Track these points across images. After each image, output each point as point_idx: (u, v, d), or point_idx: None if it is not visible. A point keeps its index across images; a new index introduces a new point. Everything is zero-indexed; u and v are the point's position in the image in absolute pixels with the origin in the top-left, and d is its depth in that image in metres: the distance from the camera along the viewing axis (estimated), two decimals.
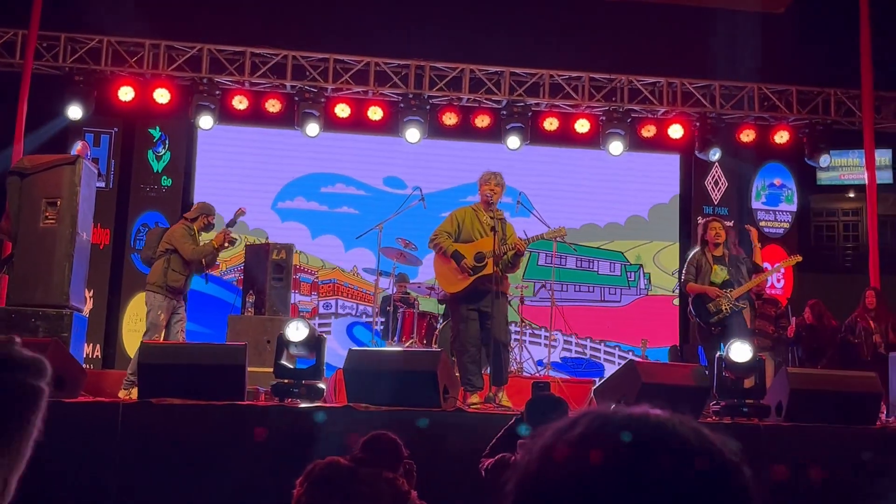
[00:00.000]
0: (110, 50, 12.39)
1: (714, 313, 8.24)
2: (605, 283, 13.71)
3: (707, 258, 8.43)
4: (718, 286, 8.31)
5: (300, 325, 6.63)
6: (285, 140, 13.24)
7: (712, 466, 1.06)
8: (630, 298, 13.82)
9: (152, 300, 8.99)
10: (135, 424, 5.94)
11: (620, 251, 13.78)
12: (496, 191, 7.91)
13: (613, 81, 13.07)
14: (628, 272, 13.84)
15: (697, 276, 8.43)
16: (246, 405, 6.28)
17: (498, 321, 7.64)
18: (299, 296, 13.01)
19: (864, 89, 12.46)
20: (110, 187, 12.82)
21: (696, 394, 6.73)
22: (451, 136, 13.25)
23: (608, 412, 1.11)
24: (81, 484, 5.77)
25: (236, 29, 12.77)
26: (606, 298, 13.67)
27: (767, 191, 13.96)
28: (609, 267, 13.77)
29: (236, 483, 5.68)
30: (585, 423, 1.10)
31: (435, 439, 5.81)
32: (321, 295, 13.33)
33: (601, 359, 13.40)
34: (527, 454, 1.11)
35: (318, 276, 13.33)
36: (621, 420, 1.09)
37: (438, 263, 7.94)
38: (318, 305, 13.25)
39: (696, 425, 1.10)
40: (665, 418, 1.10)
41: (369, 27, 13.18)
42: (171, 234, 9.15)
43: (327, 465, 3.82)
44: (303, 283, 13.20)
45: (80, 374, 6.73)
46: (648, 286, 13.84)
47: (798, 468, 6.23)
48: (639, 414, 1.10)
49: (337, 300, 13.38)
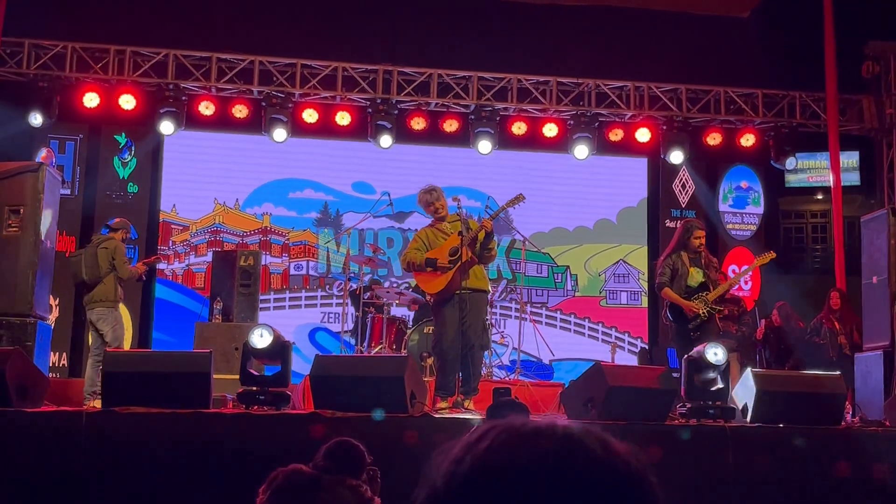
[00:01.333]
0: (75, 56, 12.27)
1: (692, 318, 8.23)
2: (531, 285, 13.70)
3: (683, 261, 8.39)
4: (695, 289, 8.29)
5: (264, 331, 6.59)
6: (253, 146, 13.18)
7: (619, 477, 1.06)
8: (557, 300, 13.85)
9: (111, 315, 9.07)
10: (99, 433, 5.88)
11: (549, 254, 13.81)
12: (439, 205, 7.91)
13: (581, 86, 13.11)
14: (555, 274, 13.87)
15: (673, 279, 8.38)
16: (212, 413, 6.24)
17: (473, 324, 7.63)
18: (270, 258, 13.02)
19: (829, 92, 12.58)
20: (76, 194, 12.70)
21: (662, 396, 6.76)
22: (420, 140, 13.24)
23: (516, 425, 1.11)
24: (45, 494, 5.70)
25: (202, 34, 12.70)
26: (534, 300, 13.67)
27: (734, 193, 14.05)
28: (536, 269, 13.78)
29: (201, 492, 5.63)
30: (492, 436, 1.09)
31: (401, 445, 5.79)
32: (292, 257, 13.31)
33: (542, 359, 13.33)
34: (435, 469, 1.11)
35: (289, 237, 13.32)
36: (528, 433, 1.09)
37: (417, 276, 7.96)
38: (289, 267, 13.24)
39: (603, 436, 1.09)
40: (571, 430, 1.09)
41: (337, 32, 13.16)
42: (114, 251, 9.15)
43: (290, 473, 3.79)
44: (273, 245, 13.21)
45: (44, 383, 6.67)
46: (575, 288, 13.87)
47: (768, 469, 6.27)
48: (545, 426, 1.10)
49: (308, 262, 13.35)
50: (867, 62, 13.27)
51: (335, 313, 12.89)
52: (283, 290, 13.27)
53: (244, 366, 6.64)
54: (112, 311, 9.07)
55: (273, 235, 13.22)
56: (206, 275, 12.41)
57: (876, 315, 9.06)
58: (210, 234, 13.19)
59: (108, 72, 12.33)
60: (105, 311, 9.06)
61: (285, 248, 13.33)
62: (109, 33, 12.36)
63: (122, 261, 9.13)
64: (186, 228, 13.14)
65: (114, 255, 9.09)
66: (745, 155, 13.67)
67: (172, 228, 13.16)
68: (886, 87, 13.22)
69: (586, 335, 13.73)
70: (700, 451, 6.30)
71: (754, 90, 13.31)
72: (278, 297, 13.19)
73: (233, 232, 13.25)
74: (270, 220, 13.27)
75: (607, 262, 13.95)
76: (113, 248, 9.13)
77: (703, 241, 8.48)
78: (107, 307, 9.06)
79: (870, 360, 8.93)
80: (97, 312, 9.08)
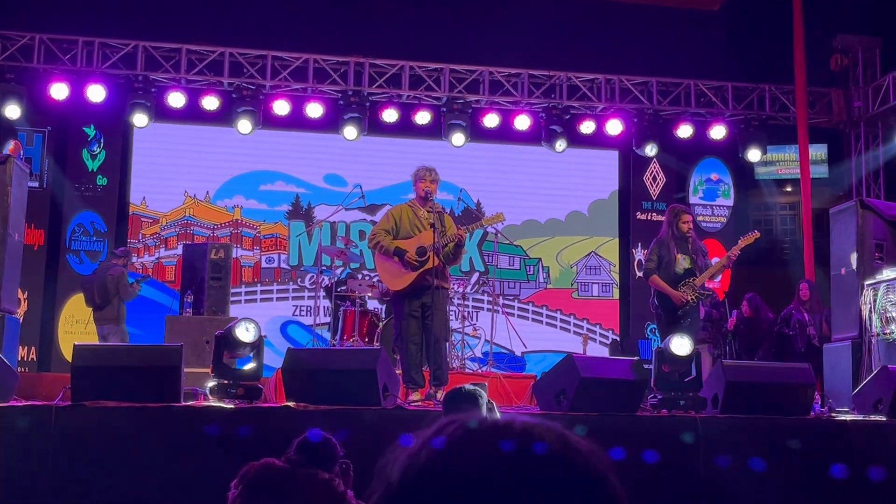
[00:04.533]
0: (42, 47, 12.14)
1: (681, 306, 8.27)
2: (504, 277, 13.74)
3: (671, 248, 8.42)
4: (681, 276, 8.32)
5: (250, 325, 6.56)
6: (223, 137, 13.10)
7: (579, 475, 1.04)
8: (530, 292, 13.89)
9: (118, 330, 10.64)
10: (69, 428, 5.82)
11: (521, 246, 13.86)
12: (433, 187, 7.91)
13: (552, 78, 13.14)
14: (527, 266, 13.92)
15: (660, 266, 8.41)
16: (183, 407, 6.20)
17: (437, 317, 7.64)
18: (241, 250, 12.99)
19: (798, 85, 12.68)
20: (44, 187, 12.58)
21: (633, 387, 6.79)
22: (392, 132, 13.22)
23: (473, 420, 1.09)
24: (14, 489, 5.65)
25: (172, 25, 12.60)
26: (506, 292, 13.71)
27: (704, 186, 14.14)
28: (508, 261, 13.83)
29: (172, 486, 5.60)
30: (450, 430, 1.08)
31: (374, 438, 5.78)
32: (263, 250, 13.26)
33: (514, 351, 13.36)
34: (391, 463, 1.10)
35: (260, 230, 13.26)
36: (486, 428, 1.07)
37: (380, 262, 7.91)
38: (260, 260, 13.19)
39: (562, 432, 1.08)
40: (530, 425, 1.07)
41: (308, 24, 13.10)
42: (118, 279, 10.72)
43: (262, 467, 3.78)
44: (244, 238, 13.17)
45: (12, 378, 6.60)
46: (547, 280, 13.92)
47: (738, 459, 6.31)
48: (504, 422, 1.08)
49: (279, 254, 13.30)
50: (836, 55, 13.39)
51: (307, 306, 12.86)
52: (255, 283, 13.22)
53: (218, 358, 6.60)
54: (118, 327, 10.62)
55: (244, 228, 13.17)
56: (177, 268, 12.34)
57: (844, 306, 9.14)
58: (180, 226, 13.11)
59: (76, 63, 12.22)
60: (113, 328, 10.60)
61: (256, 240, 13.28)
62: (77, 24, 12.23)
63: (124, 287, 10.74)
64: (156, 221, 13.05)
65: (118, 282, 10.68)
66: (716, 147, 13.75)
67: (142, 221, 13.06)
68: (854, 80, 13.35)
69: (558, 327, 13.78)
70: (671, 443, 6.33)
71: (724, 83, 13.39)
72: (249, 291, 13.13)
73: (203, 225, 13.18)
74: (241, 212, 13.21)
75: (579, 254, 14.00)
76: (117, 277, 10.71)
77: (692, 225, 8.53)
78: (115, 324, 10.62)
79: (838, 351, 9.00)
80: (107, 329, 10.63)
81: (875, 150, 13.26)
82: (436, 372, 7.60)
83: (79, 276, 12.57)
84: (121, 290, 10.68)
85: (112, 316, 10.65)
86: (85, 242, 12.70)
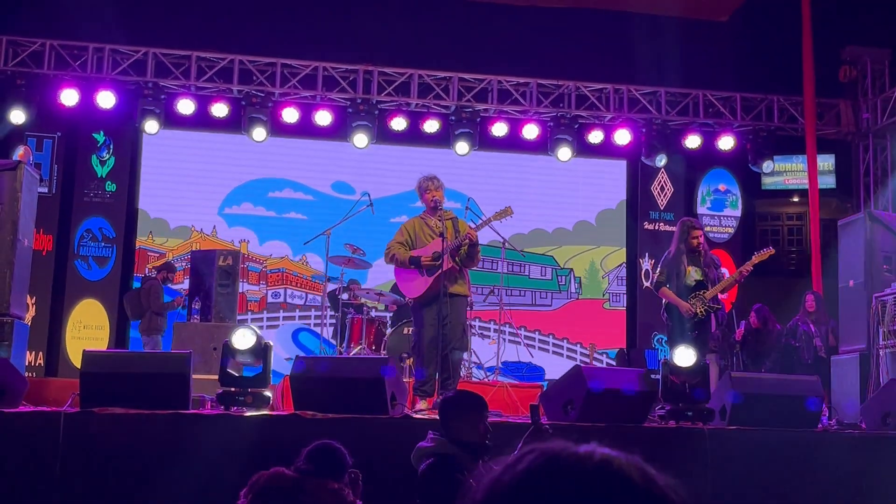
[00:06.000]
0: (53, 53, 12.18)
1: (690, 318, 8.28)
2: (536, 287, 13.74)
3: (682, 260, 8.43)
4: (692, 288, 8.34)
5: (247, 332, 6.56)
6: (232, 145, 13.13)
7: None
8: (561, 302, 13.89)
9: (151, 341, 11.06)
10: (77, 434, 5.84)
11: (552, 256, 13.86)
12: (439, 194, 7.94)
13: (561, 87, 13.15)
14: (559, 276, 13.91)
15: (669, 278, 8.42)
16: (190, 414, 6.21)
17: (453, 326, 7.66)
18: (247, 285, 12.93)
19: (807, 96, 12.67)
20: (53, 193, 12.60)
21: (641, 398, 6.79)
22: (400, 141, 13.23)
23: (555, 448, 1.11)
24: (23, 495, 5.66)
25: (182, 32, 12.63)
26: (538, 302, 13.71)
27: (712, 196, 14.13)
28: (540, 271, 13.83)
29: (181, 494, 5.61)
30: (531, 459, 1.10)
31: (382, 447, 5.78)
32: (270, 285, 13.24)
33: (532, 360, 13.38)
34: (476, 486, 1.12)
35: (266, 265, 13.25)
36: (567, 458, 1.09)
37: (398, 273, 7.98)
38: (266, 295, 13.17)
39: (641, 465, 1.09)
40: (610, 458, 1.09)
41: (317, 31, 13.13)
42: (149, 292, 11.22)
43: (271, 477, 3.79)
44: (251, 273, 13.12)
45: (21, 384, 6.62)
46: (579, 290, 13.91)
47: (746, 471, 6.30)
48: (585, 452, 1.10)
49: (286, 289, 13.29)
50: (844, 66, 13.37)
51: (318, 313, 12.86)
52: (262, 311, 13.22)
53: (224, 366, 6.61)
54: (150, 338, 11.04)
55: (250, 263, 13.04)
56: (185, 275, 12.35)
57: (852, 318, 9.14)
58: (186, 261, 13.06)
59: (86, 69, 12.25)
60: (146, 339, 11.08)
61: (263, 275, 13.24)
62: (88, 31, 12.27)
63: (155, 300, 11.17)
64: (163, 256, 12.99)
65: (148, 294, 11.19)
66: (724, 158, 13.73)
67: (149, 256, 13.02)
68: (863, 92, 13.33)
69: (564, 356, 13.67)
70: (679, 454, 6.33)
71: (733, 94, 13.38)
72: (255, 318, 13.06)
73: None
74: (248, 247, 13.14)
75: (612, 263, 14.00)
76: (147, 290, 11.24)
77: (702, 239, 8.55)
78: (148, 335, 11.08)
79: (846, 364, 9.00)
80: (143, 339, 11.16)
81: (883, 161, 13.24)
82: (445, 381, 7.61)
83: (87, 281, 12.61)
84: (151, 303, 11.12)
85: (143, 327, 11.13)
86: (93, 248, 12.73)
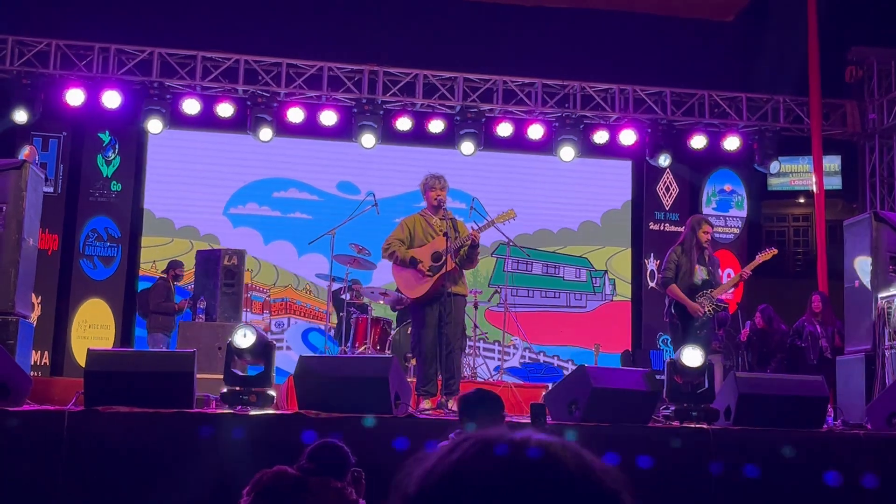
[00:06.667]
0: (59, 53, 12.20)
1: (698, 316, 8.25)
2: (570, 289, 13.76)
3: (691, 258, 8.40)
4: (699, 287, 8.31)
5: (248, 331, 6.56)
6: (237, 145, 13.13)
7: (591, 493, 1.04)
8: (596, 304, 13.90)
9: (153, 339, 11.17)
10: (81, 433, 5.85)
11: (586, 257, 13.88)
12: (443, 194, 7.92)
13: (566, 88, 13.13)
14: (593, 278, 13.93)
15: (677, 276, 8.39)
16: (195, 413, 6.21)
17: (453, 326, 7.65)
18: (251, 314, 12.81)
19: (813, 96, 12.64)
20: (59, 192, 12.63)
21: (646, 398, 6.77)
22: (405, 141, 13.23)
23: (491, 436, 1.09)
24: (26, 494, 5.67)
25: (187, 32, 12.65)
26: (572, 304, 13.73)
27: (718, 196, 14.10)
28: (575, 273, 13.84)
29: (184, 492, 5.61)
30: (464, 447, 1.08)
31: (385, 446, 5.78)
32: (273, 313, 13.22)
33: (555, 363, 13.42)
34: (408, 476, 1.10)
35: (269, 294, 13.22)
36: (501, 445, 1.07)
37: (397, 271, 7.93)
38: (270, 324, 13.12)
39: (579, 452, 1.07)
40: (546, 443, 1.07)
41: (322, 31, 13.14)
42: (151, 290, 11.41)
43: (274, 475, 3.78)
44: (254, 302, 13.06)
45: (26, 382, 6.62)
46: (614, 292, 13.93)
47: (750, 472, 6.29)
48: (520, 438, 1.08)
49: (289, 318, 13.28)
50: (850, 67, 13.35)
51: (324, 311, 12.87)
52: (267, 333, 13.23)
53: (228, 366, 6.61)
54: (153, 336, 11.15)
55: (253, 292, 12.95)
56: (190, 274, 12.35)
57: (858, 319, 9.11)
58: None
59: (92, 69, 12.27)
60: (150, 337, 11.25)
61: (266, 304, 13.22)
62: (94, 31, 12.29)
63: (154, 300, 11.30)
64: None
65: (150, 293, 11.40)
66: (729, 158, 13.71)
67: None
68: (869, 92, 13.30)
69: None
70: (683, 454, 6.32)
71: (738, 94, 13.36)
72: None
73: None
74: (251, 276, 13.07)
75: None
76: (150, 289, 11.49)
77: (710, 237, 8.51)
78: (152, 333, 11.22)
79: (851, 364, 8.97)
80: (147, 338, 11.39)
81: (889, 162, 13.21)
82: (448, 381, 7.60)
83: (92, 281, 12.63)
84: (150, 301, 11.30)
85: (149, 326, 11.39)
86: (99, 248, 12.75)
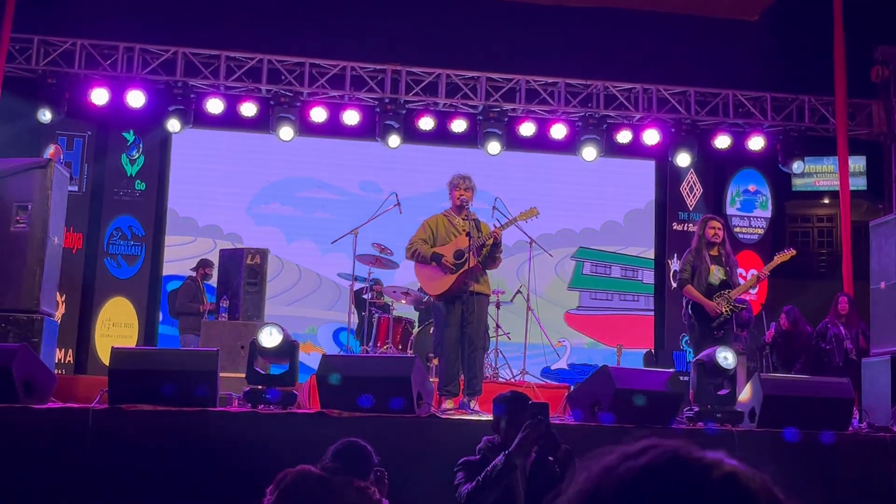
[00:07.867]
0: (84, 52, 12.28)
1: (715, 317, 8.19)
2: (649, 293, 13.90)
3: (704, 258, 8.33)
4: (716, 287, 8.24)
5: (273, 330, 6.56)
6: (260, 144, 13.19)
7: None
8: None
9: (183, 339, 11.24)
10: (105, 431, 5.86)
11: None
12: (468, 194, 7.90)
13: (589, 87, 13.10)
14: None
15: (693, 276, 8.33)
16: (218, 411, 6.22)
17: (476, 325, 7.63)
18: None
19: (838, 96, 12.53)
20: (83, 191, 12.72)
21: (669, 399, 6.73)
22: (428, 140, 13.23)
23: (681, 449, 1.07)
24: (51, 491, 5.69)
25: (211, 32, 12.71)
26: (651, 307, 13.82)
27: (742, 197, 14.02)
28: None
29: (207, 490, 5.62)
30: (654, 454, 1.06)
31: (408, 446, 5.77)
32: None
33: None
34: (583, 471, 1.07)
35: None
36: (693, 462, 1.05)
37: (419, 269, 7.91)
38: None
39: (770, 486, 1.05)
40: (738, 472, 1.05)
41: (345, 31, 13.16)
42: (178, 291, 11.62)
43: (298, 474, 3.78)
44: None
45: (50, 380, 6.66)
46: None
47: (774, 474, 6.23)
48: (712, 460, 1.06)
49: None
50: (876, 66, 13.23)
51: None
52: None
53: (251, 364, 6.62)
54: (185, 336, 11.20)
55: None
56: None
57: (884, 320, 9.02)
58: None
59: (116, 69, 12.35)
60: (182, 338, 11.32)
61: None
62: (118, 30, 12.37)
63: (180, 299, 11.44)
64: None
65: (177, 293, 11.56)
66: (753, 158, 13.64)
67: None
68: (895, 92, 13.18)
69: None
70: None
71: (763, 93, 13.28)
72: None
73: None
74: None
75: None
76: (177, 289, 11.66)
77: (719, 231, 8.41)
78: (183, 335, 11.28)
79: (877, 366, 8.88)
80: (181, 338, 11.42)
81: None
82: (471, 381, 7.59)
83: (116, 279, 12.71)
84: (176, 302, 11.50)
85: (181, 326, 11.49)
86: (122, 247, 12.82)
